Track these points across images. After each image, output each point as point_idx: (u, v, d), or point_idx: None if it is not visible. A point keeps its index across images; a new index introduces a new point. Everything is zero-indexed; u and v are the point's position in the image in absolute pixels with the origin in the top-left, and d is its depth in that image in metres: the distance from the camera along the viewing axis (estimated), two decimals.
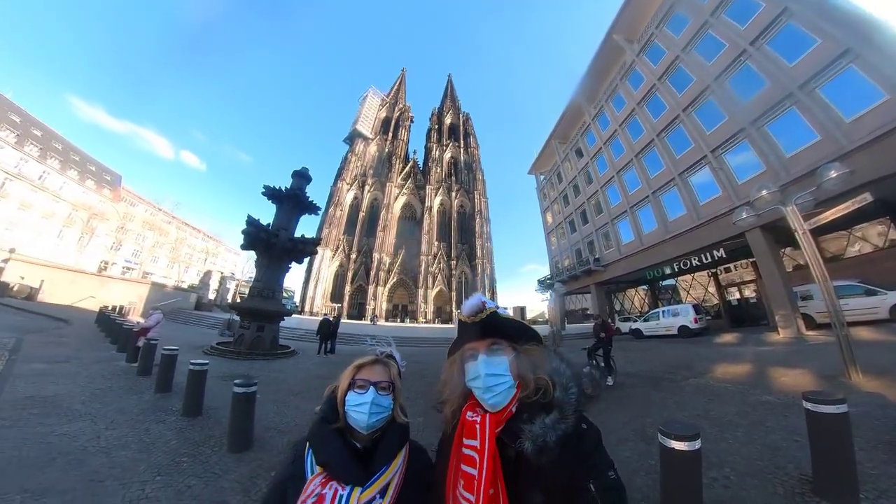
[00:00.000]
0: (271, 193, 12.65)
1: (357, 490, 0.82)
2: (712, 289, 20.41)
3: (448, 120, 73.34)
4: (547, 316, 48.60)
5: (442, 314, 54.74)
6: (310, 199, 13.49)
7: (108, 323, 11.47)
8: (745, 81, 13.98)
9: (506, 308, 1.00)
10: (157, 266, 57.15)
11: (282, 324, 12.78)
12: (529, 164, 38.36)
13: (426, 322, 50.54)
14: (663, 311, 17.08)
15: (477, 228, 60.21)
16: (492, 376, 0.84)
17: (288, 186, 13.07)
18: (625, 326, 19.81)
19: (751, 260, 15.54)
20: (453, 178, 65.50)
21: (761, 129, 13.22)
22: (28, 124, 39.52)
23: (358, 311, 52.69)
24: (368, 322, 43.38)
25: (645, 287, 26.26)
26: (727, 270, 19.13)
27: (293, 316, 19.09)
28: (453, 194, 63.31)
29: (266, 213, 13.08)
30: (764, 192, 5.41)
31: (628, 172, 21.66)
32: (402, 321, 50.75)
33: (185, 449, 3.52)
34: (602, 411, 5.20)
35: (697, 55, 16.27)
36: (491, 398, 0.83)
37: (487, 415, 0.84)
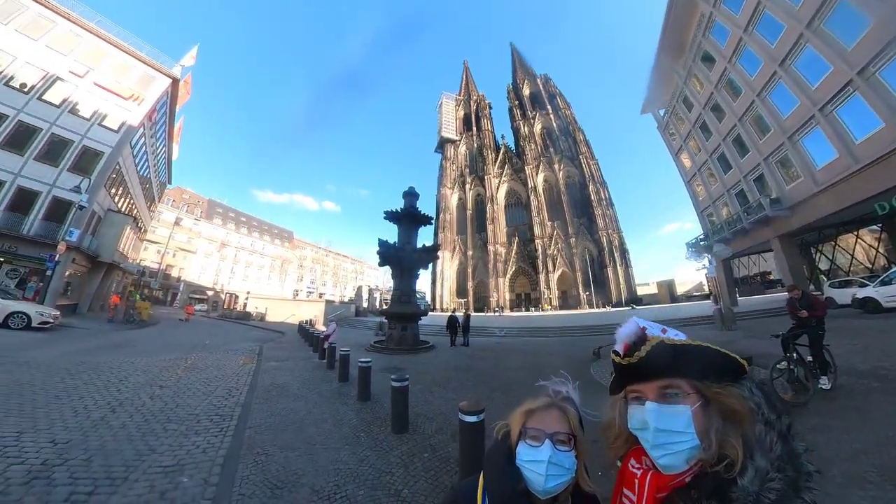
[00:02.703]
0: (391, 216, 14.65)
1: None
2: None
3: (526, 90, 67.80)
4: (706, 289, 38.03)
5: (568, 298, 51.13)
6: (422, 213, 15.01)
7: (305, 332, 15.50)
8: None
9: (679, 332, 0.73)
10: (326, 288, 77.19)
11: (419, 322, 14.55)
12: (640, 103, 29.64)
13: (552, 309, 48.23)
14: None
15: (592, 196, 53.00)
16: (664, 432, 0.64)
17: (402, 207, 14.81)
18: (842, 295, 13.54)
19: None
20: (551, 150, 59.87)
21: None
22: (237, 214, 66.80)
23: (483, 303, 54.81)
24: (493, 314, 44.54)
25: (874, 228, 17.33)
26: None
27: (429, 314, 21.49)
28: (556, 167, 57.73)
29: (392, 232, 15.19)
30: None
31: (801, 56, 14.51)
32: (527, 310, 49.88)
33: (361, 427, 4.39)
34: (813, 429, 3.62)
35: None
36: (662, 458, 0.65)
37: (650, 472, 0.68)
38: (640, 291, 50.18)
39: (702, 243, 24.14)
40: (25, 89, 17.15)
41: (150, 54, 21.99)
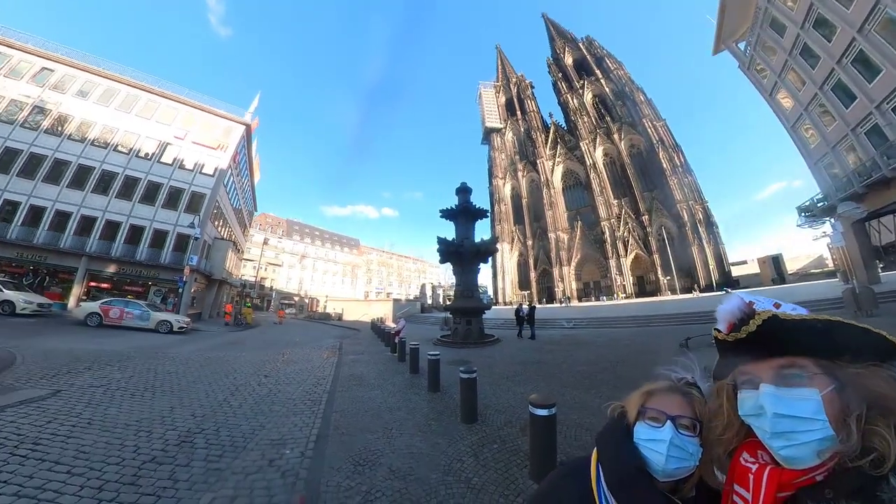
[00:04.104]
0: (447, 214, 15.02)
1: None
2: None
3: (569, 59, 62.05)
4: (831, 264, 29.90)
5: (645, 284, 46.13)
6: (477, 207, 15.06)
7: (377, 329, 16.78)
8: None
9: (796, 306, 0.62)
10: (392, 287, 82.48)
11: (484, 316, 14.64)
12: (710, 42, 24.00)
13: (626, 297, 43.99)
14: None
15: (664, 163, 46.02)
16: (787, 418, 0.54)
17: (457, 203, 15.05)
18: None
19: None
20: (608, 119, 54.03)
21: None
22: (311, 230, 75.19)
23: (547, 294, 52.56)
24: (560, 305, 42.44)
25: None
26: None
27: (492, 308, 21.16)
28: (616, 136, 51.83)
29: (449, 229, 15.56)
30: None
31: None
32: (598, 299, 46.32)
33: (432, 415, 4.59)
34: None
35: None
36: (784, 448, 0.55)
37: (768, 467, 0.58)
38: (736, 272, 42.59)
39: (820, 205, 19.03)
40: (149, 157, 22.99)
41: (227, 110, 27.53)
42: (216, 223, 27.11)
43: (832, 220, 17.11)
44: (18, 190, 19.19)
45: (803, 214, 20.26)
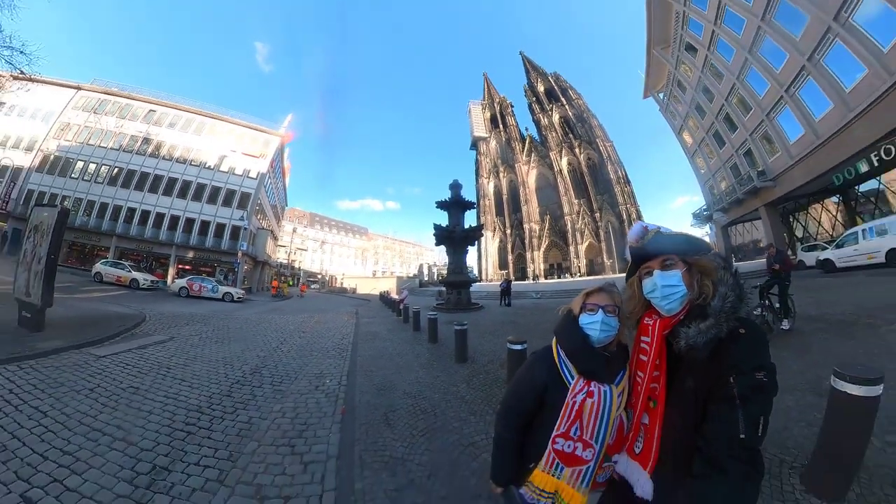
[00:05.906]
0: (442, 205, 15.01)
1: (613, 386, 0.87)
2: None
3: (541, 87, 61.80)
4: None
5: (594, 266, 47.85)
6: (467, 200, 15.16)
7: (385, 299, 17.23)
8: None
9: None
10: (396, 267, 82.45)
11: (470, 289, 15.03)
12: (641, 90, 26.03)
13: (581, 276, 45.55)
14: (864, 231, 9.59)
15: (611, 175, 48.29)
16: (667, 287, 0.78)
17: (450, 196, 15.03)
18: (810, 257, 12.13)
19: None
20: (571, 136, 54.85)
21: None
22: (329, 220, 74.21)
23: (521, 273, 53.68)
24: (531, 281, 43.53)
25: (835, 199, 14.66)
26: None
27: (476, 284, 21.34)
28: (577, 150, 53.01)
29: (443, 218, 15.70)
30: None
31: (763, 44, 13.42)
32: (559, 277, 47.77)
33: (434, 359, 4.94)
34: (772, 359, 3.36)
35: None
36: (667, 305, 0.79)
37: (658, 320, 0.81)
38: None
39: (705, 213, 22.12)
40: (212, 167, 24.59)
41: (266, 125, 27.86)
42: (258, 216, 27.35)
43: (711, 224, 19.65)
44: (134, 199, 22.41)
45: (695, 219, 23.68)
